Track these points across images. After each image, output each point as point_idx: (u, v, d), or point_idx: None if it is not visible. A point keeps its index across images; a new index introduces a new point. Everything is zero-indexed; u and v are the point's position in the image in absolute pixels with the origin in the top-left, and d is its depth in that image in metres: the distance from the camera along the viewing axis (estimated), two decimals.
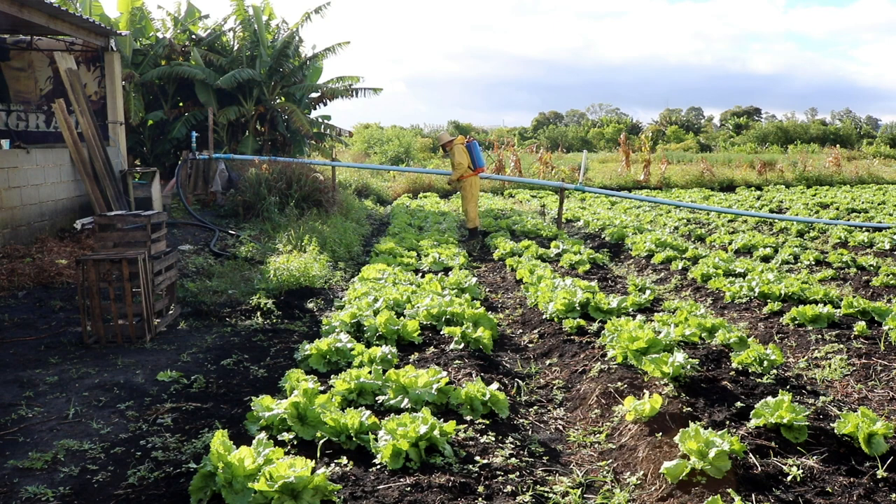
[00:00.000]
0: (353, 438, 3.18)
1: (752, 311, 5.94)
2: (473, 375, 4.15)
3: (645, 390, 3.75)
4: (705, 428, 3.09)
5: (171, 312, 5.61)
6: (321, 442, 3.16)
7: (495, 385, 3.77)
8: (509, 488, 2.86)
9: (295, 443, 3.20)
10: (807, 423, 3.21)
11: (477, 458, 3.11)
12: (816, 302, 5.78)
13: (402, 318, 5.37)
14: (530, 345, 5.31)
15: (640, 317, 5.35)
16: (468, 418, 3.55)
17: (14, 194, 8.24)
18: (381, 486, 2.80)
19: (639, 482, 3.00)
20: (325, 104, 18.71)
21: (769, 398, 3.38)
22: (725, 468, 2.80)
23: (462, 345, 4.79)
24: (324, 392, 3.71)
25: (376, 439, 3.10)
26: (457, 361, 4.45)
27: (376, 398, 3.73)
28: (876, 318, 5.42)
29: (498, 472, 2.99)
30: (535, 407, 4.06)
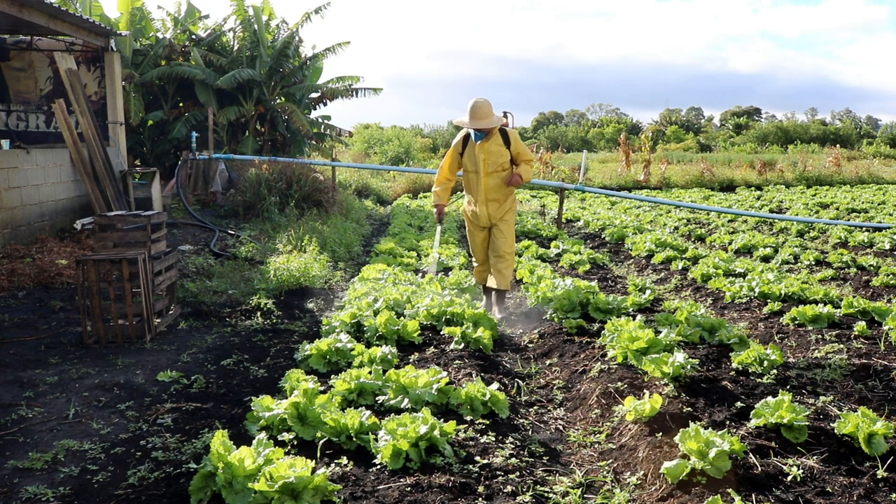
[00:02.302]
0: (353, 438, 3.18)
1: (752, 311, 5.94)
2: (473, 375, 4.15)
3: (645, 390, 3.75)
4: (705, 428, 3.09)
5: (171, 312, 5.61)
6: (321, 442, 3.15)
7: (495, 385, 3.77)
8: (509, 488, 2.86)
9: (295, 443, 3.20)
10: (807, 423, 3.21)
11: (477, 458, 3.11)
12: (816, 302, 5.78)
13: (402, 318, 5.37)
14: (530, 345, 5.31)
15: (640, 317, 5.35)
16: (468, 418, 3.55)
17: (14, 194, 8.24)
18: (381, 487, 2.80)
19: (639, 482, 3.00)
20: (325, 104, 18.74)
21: (769, 398, 3.38)
22: (725, 468, 2.80)
23: (462, 345, 4.79)
24: (324, 392, 3.71)
25: (376, 439, 3.09)
26: (457, 361, 4.45)
27: (376, 398, 3.73)
28: (876, 318, 5.43)
29: (498, 472, 2.99)
30: (536, 407, 4.06)
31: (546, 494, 2.91)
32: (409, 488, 2.77)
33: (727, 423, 3.37)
